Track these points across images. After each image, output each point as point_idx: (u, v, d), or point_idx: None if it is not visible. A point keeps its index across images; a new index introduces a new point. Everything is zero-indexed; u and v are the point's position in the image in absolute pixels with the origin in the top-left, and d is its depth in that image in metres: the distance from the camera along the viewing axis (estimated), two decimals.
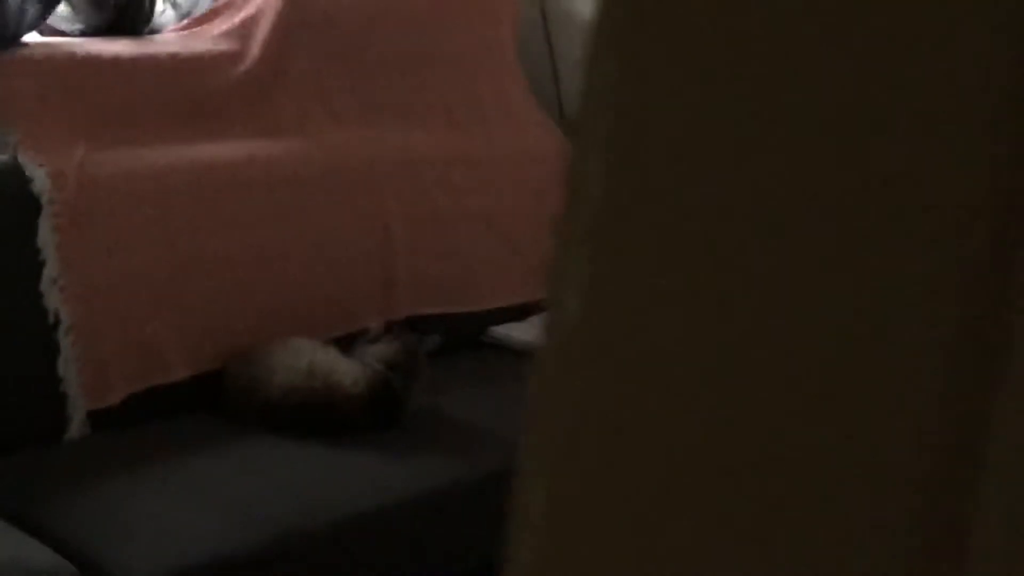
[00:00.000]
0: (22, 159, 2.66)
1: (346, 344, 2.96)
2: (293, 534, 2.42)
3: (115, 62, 2.86)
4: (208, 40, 3.08)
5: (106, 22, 2.98)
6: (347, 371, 2.81)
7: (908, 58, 0.61)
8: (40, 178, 2.65)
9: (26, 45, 2.77)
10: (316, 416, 2.76)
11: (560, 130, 3.74)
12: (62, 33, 2.96)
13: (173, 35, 3.11)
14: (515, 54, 3.70)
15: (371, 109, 3.32)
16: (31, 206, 2.63)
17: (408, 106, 3.40)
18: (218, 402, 2.83)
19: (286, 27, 3.13)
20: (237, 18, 3.13)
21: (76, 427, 2.64)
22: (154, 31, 3.09)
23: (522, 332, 3.47)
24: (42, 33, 2.88)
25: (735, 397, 0.65)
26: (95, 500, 2.41)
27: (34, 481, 2.46)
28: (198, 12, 3.17)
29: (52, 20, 2.88)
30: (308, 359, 2.80)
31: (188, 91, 2.96)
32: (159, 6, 3.09)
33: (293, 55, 3.15)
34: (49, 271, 2.62)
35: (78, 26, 2.97)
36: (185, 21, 3.16)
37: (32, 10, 2.72)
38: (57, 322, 2.63)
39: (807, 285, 0.64)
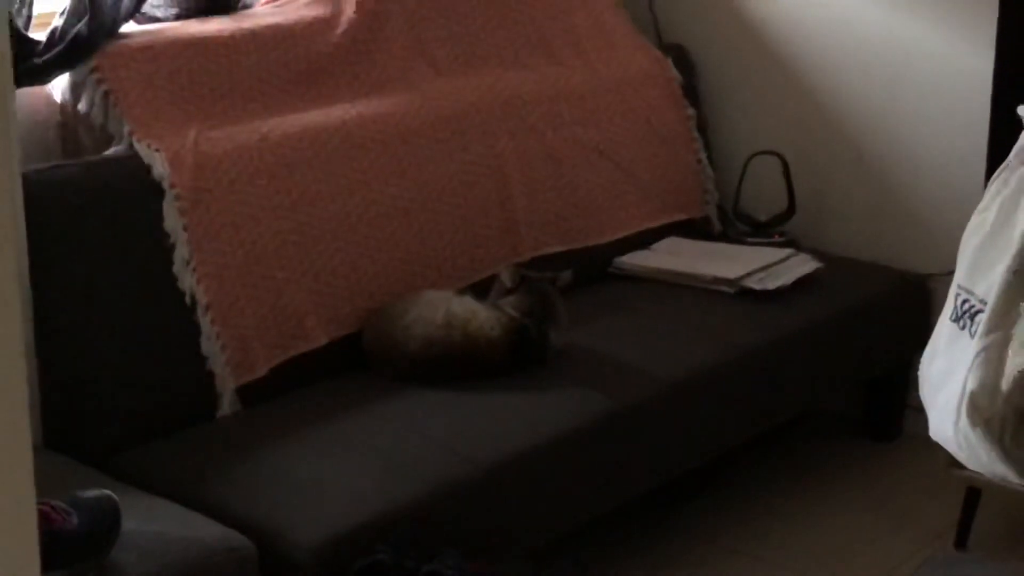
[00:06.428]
0: (138, 147, 2.69)
1: (478, 292, 2.96)
2: (455, 482, 2.43)
3: (216, 41, 2.87)
4: (301, 8, 3.07)
5: (200, 3, 2.99)
6: (484, 318, 2.81)
7: None
8: (158, 163, 2.67)
9: (126, 35, 2.79)
10: (457, 365, 2.77)
11: (659, 52, 3.69)
12: (157, 19, 2.97)
13: (266, 8, 3.11)
14: None
15: (471, 54, 3.30)
16: (153, 192, 2.65)
17: (507, 47, 3.37)
18: (359, 363, 2.85)
19: None
20: None
21: (227, 403, 2.67)
22: (246, 6, 3.10)
23: (647, 260, 3.44)
24: (138, 22, 2.89)
25: None
26: (255, 472, 2.44)
27: (194, 460, 2.49)
28: None
29: (147, 8, 2.90)
30: (443, 310, 2.81)
31: (291, 61, 2.97)
32: None
33: (387, 11, 3.14)
34: (180, 253, 2.65)
35: (172, 11, 2.98)
36: None
37: (127, 0, 2.73)
38: (194, 302, 2.65)
39: None
